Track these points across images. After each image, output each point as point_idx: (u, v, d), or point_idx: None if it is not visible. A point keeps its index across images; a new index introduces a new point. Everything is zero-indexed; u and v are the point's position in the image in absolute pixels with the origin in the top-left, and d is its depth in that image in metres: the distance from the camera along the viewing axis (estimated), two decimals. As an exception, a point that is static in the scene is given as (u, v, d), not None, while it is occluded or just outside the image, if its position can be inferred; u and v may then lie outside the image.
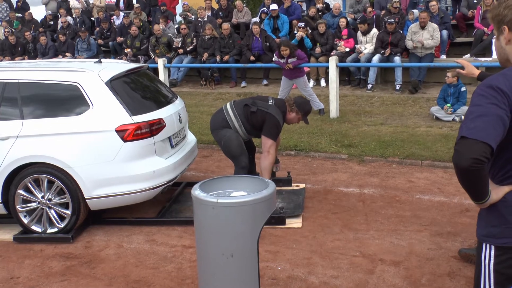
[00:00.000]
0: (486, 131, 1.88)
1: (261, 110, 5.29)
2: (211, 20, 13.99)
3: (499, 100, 1.92)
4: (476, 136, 1.88)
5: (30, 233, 4.95)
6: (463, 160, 1.89)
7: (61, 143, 4.75)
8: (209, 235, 2.87)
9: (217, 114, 5.53)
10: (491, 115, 1.90)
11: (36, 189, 4.86)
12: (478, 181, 1.96)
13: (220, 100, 11.73)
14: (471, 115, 1.94)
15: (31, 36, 15.71)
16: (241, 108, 5.37)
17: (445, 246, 4.48)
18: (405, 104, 9.93)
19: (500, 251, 2.10)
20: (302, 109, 5.44)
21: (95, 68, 5.10)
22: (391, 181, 6.23)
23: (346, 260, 4.29)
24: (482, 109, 1.93)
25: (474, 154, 1.87)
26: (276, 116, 5.26)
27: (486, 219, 2.16)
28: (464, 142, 1.90)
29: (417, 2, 12.30)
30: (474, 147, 1.87)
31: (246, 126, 5.38)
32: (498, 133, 1.90)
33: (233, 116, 5.36)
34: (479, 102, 1.95)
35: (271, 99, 5.47)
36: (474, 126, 1.90)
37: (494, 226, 2.12)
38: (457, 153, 1.92)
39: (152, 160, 4.97)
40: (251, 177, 3.30)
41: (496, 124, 1.90)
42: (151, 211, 5.53)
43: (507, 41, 2.11)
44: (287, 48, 9.10)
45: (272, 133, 5.24)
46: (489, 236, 2.14)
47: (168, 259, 4.46)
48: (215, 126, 5.46)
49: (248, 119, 5.35)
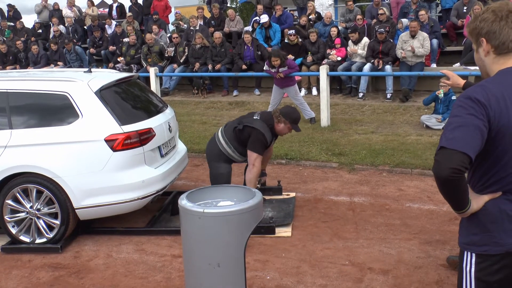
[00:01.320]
0: (464, 141, 1.92)
1: (247, 126, 5.33)
2: (203, 29, 14.04)
3: (477, 111, 1.96)
4: (454, 146, 1.92)
5: (18, 243, 4.92)
6: (442, 170, 1.93)
7: (50, 153, 4.74)
8: (195, 245, 2.88)
9: (210, 143, 5.58)
10: (469, 126, 1.95)
11: (25, 199, 4.85)
12: (457, 191, 2.00)
13: (212, 109, 11.75)
14: (450, 126, 1.98)
15: (22, 45, 15.67)
16: (230, 133, 5.43)
17: (433, 254, 4.49)
18: (396, 113, 9.98)
19: (480, 258, 2.13)
20: (289, 118, 5.44)
21: (84, 77, 5.11)
22: (381, 190, 6.25)
23: (335, 268, 4.30)
24: (461, 120, 1.97)
25: (453, 164, 1.91)
26: (260, 130, 5.28)
27: (467, 227, 2.19)
28: (444, 152, 1.94)
29: (407, 11, 12.39)
30: (453, 157, 1.91)
31: (239, 150, 5.43)
32: (476, 143, 1.94)
33: (225, 144, 5.43)
34: (458, 113, 2.00)
35: (257, 114, 5.51)
36: (453, 136, 1.94)
37: (475, 234, 2.15)
38: (436, 163, 1.96)
39: (141, 170, 4.97)
40: (238, 187, 3.32)
41: (474, 134, 1.94)
42: (141, 221, 5.52)
43: (486, 52, 2.17)
44: (277, 58, 9.15)
45: (256, 147, 5.27)
46: (470, 244, 2.17)
47: (157, 268, 4.46)
48: (211, 157, 5.53)
49: (239, 140, 5.39)
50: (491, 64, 2.18)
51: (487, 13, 2.12)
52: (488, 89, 2.01)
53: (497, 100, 1.99)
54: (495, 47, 2.13)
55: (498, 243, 2.09)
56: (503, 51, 2.12)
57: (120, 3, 18.15)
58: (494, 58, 2.15)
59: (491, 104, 1.98)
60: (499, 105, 1.98)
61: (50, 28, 17.13)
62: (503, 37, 2.10)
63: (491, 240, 2.10)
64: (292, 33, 11.87)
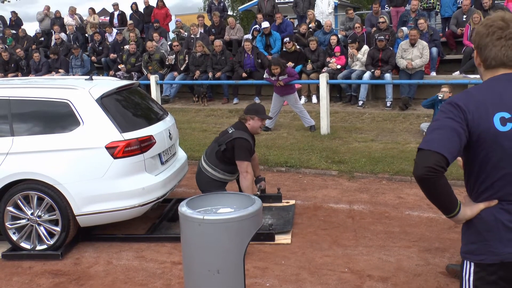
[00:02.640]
0: (440, 142, 2.00)
1: (229, 142, 5.40)
2: (204, 37, 14.11)
3: (455, 114, 2.05)
4: (430, 147, 2.00)
5: (19, 250, 4.93)
6: (419, 169, 2.00)
7: (51, 160, 4.77)
8: (195, 251, 2.89)
9: (199, 175, 5.64)
10: (446, 128, 2.03)
11: (26, 206, 4.86)
12: (436, 191, 2.05)
13: (212, 117, 11.78)
14: (430, 129, 2.07)
15: (23, 53, 15.74)
16: (214, 158, 5.50)
17: (433, 262, 4.50)
18: (396, 121, 10.01)
19: (478, 267, 2.15)
20: (253, 112, 5.57)
21: (86, 85, 5.14)
22: (380, 197, 6.27)
23: (334, 276, 4.31)
24: (439, 123, 2.06)
25: (428, 163, 1.98)
26: (241, 137, 5.38)
27: (467, 236, 2.22)
28: (420, 153, 2.02)
29: (406, 20, 12.46)
30: (429, 157, 1.98)
31: (228, 169, 5.51)
32: (452, 144, 2.01)
33: (213, 170, 5.50)
34: (438, 117, 2.10)
35: (230, 128, 5.61)
36: (430, 138, 2.03)
37: (473, 243, 2.17)
38: (414, 163, 2.04)
39: (142, 177, 4.99)
40: (238, 194, 3.34)
41: (451, 136, 2.01)
42: (141, 228, 5.54)
43: (477, 64, 2.26)
44: (277, 66, 9.20)
45: (243, 155, 5.35)
46: (468, 252, 2.19)
47: (157, 275, 4.47)
48: (203, 187, 5.56)
49: (225, 160, 5.46)
50: (482, 75, 2.28)
51: (481, 27, 2.19)
52: (470, 95, 2.12)
53: (477, 105, 2.06)
54: (482, 61, 2.21)
55: (494, 252, 2.10)
56: (488, 66, 2.20)
57: (121, 11, 18.27)
58: (484, 70, 2.24)
59: (470, 109, 2.05)
60: (479, 110, 2.05)
61: (52, 36, 17.22)
62: (487, 53, 2.17)
63: (487, 249, 2.12)
64: (287, 40, 11.93)
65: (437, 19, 14.08)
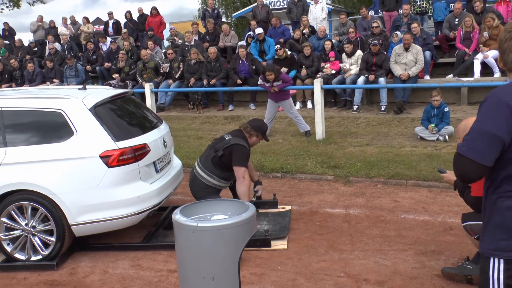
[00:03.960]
0: (485, 153, 2.09)
1: (226, 148, 5.40)
2: (198, 44, 14.13)
3: (503, 117, 2.07)
4: (476, 158, 2.10)
5: (13, 261, 4.91)
6: (463, 178, 2.19)
7: (45, 170, 4.76)
8: (190, 259, 2.89)
9: (193, 181, 5.61)
10: (492, 136, 2.10)
11: (20, 217, 4.84)
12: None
13: (207, 124, 11.78)
14: (476, 131, 2.13)
15: (17, 63, 15.73)
16: (209, 163, 5.49)
17: (429, 264, 4.51)
18: (390, 125, 10.03)
19: (509, 264, 2.14)
20: (260, 131, 5.65)
21: (79, 94, 5.14)
22: (376, 201, 6.27)
23: (331, 281, 4.30)
24: (485, 127, 2.10)
25: (473, 175, 2.14)
26: (240, 143, 5.40)
27: (492, 233, 2.22)
28: (466, 161, 2.13)
29: (399, 24, 12.51)
30: (474, 169, 2.12)
31: (223, 176, 5.51)
32: (496, 152, 2.10)
33: (208, 176, 5.48)
34: (484, 118, 2.13)
35: (227, 135, 5.61)
36: (475, 146, 2.11)
37: (503, 240, 2.17)
38: (459, 168, 2.17)
39: (137, 185, 4.99)
40: (232, 201, 3.34)
41: (495, 144, 2.09)
42: (137, 236, 5.52)
43: (501, 66, 2.33)
44: (271, 72, 9.21)
45: (241, 161, 5.37)
46: (497, 250, 2.18)
47: (154, 283, 4.45)
48: (197, 194, 5.53)
49: (221, 166, 5.45)
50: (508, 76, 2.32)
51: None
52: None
53: None
54: (504, 65, 2.28)
55: None
56: (510, 69, 2.27)
57: (116, 20, 18.29)
58: (508, 73, 2.31)
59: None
60: None
61: (46, 46, 17.21)
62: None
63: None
64: (277, 48, 11.96)
65: (430, 23, 14.16)
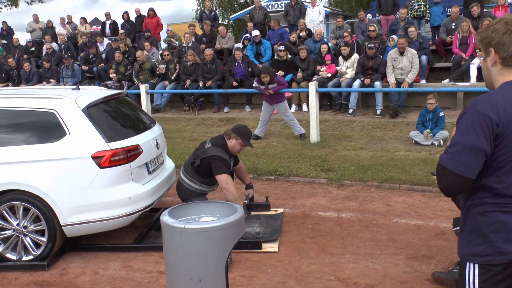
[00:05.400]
0: (468, 166, 2.11)
1: (203, 159, 5.41)
2: (195, 46, 14.14)
3: (484, 129, 2.07)
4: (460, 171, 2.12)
5: (4, 261, 4.91)
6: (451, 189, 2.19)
7: (37, 170, 4.76)
8: (177, 260, 2.90)
9: (178, 186, 5.69)
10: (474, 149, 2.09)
11: (11, 217, 4.84)
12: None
13: (202, 126, 11.79)
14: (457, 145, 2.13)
15: (14, 63, 15.73)
16: (190, 170, 5.53)
17: (419, 269, 4.52)
18: (385, 129, 10.05)
19: (484, 269, 2.16)
20: (239, 133, 5.54)
21: (72, 95, 5.14)
22: (369, 205, 6.28)
23: (320, 284, 4.31)
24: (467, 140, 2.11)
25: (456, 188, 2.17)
26: (216, 154, 5.38)
27: (469, 238, 2.23)
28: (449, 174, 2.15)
29: (396, 28, 12.55)
30: (457, 182, 2.14)
31: (205, 181, 5.54)
32: (479, 164, 2.12)
33: (191, 182, 5.53)
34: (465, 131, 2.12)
35: (207, 142, 5.60)
36: (458, 159, 2.12)
37: (477, 245, 2.19)
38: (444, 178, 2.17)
39: (128, 186, 4.99)
40: (221, 203, 3.33)
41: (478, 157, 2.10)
42: (128, 237, 5.52)
43: (493, 62, 2.23)
44: (267, 75, 9.23)
45: (221, 170, 5.34)
46: (472, 254, 2.21)
47: (144, 285, 4.46)
48: (184, 197, 5.58)
49: (201, 173, 5.49)
50: (496, 75, 2.24)
51: (500, 24, 2.19)
52: (497, 102, 2.09)
53: (505, 114, 2.07)
54: (503, 59, 2.19)
55: (502, 253, 2.12)
56: (509, 63, 2.18)
57: (113, 21, 18.30)
58: (500, 69, 2.22)
59: (498, 118, 2.06)
60: (505, 115, 2.07)
61: (43, 46, 17.21)
62: (511, 50, 2.16)
63: (494, 250, 2.14)
64: (282, 49, 12.00)
65: (427, 27, 14.20)
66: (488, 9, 13.71)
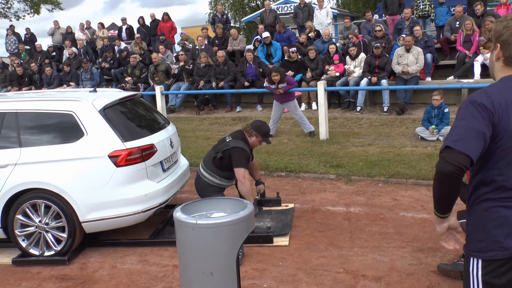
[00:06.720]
0: (467, 143, 2.06)
1: (225, 151, 5.57)
2: (208, 48, 14.38)
3: (481, 114, 2.10)
4: (459, 147, 2.06)
5: (28, 256, 5.13)
6: (448, 166, 2.06)
7: (57, 169, 4.97)
8: (189, 255, 3.01)
9: (197, 181, 5.82)
10: (473, 129, 2.08)
11: (34, 214, 5.06)
12: (453, 190, 2.13)
13: (216, 125, 12.00)
14: (457, 128, 2.12)
15: (36, 67, 16.14)
16: (211, 165, 5.68)
17: (425, 261, 4.63)
18: (392, 125, 10.18)
19: (486, 263, 2.22)
20: (259, 131, 5.74)
21: (89, 97, 5.35)
22: (376, 200, 6.43)
23: (329, 276, 4.45)
24: (466, 123, 2.11)
25: (457, 162, 2.04)
26: (238, 146, 5.54)
27: (472, 234, 2.28)
28: (449, 151, 2.08)
29: (401, 28, 12.68)
30: (458, 157, 2.05)
31: (225, 175, 5.68)
32: (479, 146, 2.08)
33: (210, 176, 5.67)
34: (463, 116, 2.13)
35: (227, 136, 5.77)
36: (458, 138, 2.08)
37: (480, 241, 2.23)
38: (442, 159, 2.09)
39: (144, 184, 5.18)
40: (231, 199, 3.46)
41: (478, 137, 2.08)
42: (144, 233, 5.71)
43: (497, 58, 2.29)
44: (277, 73, 9.42)
45: (240, 162, 5.50)
46: (476, 251, 2.25)
47: (159, 278, 4.64)
48: (202, 193, 5.74)
49: (221, 167, 5.63)
50: (497, 70, 2.30)
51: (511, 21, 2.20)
52: (491, 94, 2.14)
53: (498, 103, 2.11)
54: (506, 57, 2.23)
55: (505, 248, 2.15)
56: (510, 63, 2.23)
57: (129, 25, 18.70)
58: (501, 65, 2.26)
59: (493, 108, 2.09)
60: (501, 108, 2.10)
61: (64, 50, 17.63)
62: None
63: (496, 245, 2.17)
64: (293, 50, 12.19)
65: (432, 26, 14.31)
66: (491, 7, 13.75)
